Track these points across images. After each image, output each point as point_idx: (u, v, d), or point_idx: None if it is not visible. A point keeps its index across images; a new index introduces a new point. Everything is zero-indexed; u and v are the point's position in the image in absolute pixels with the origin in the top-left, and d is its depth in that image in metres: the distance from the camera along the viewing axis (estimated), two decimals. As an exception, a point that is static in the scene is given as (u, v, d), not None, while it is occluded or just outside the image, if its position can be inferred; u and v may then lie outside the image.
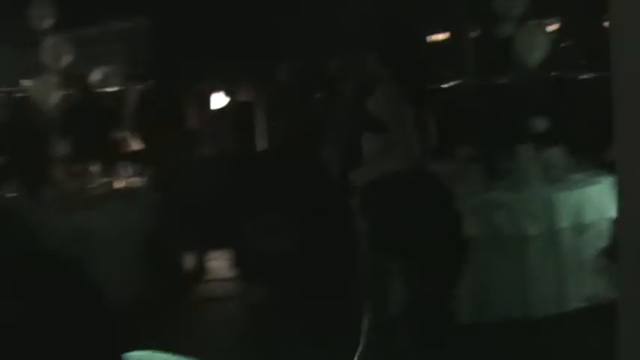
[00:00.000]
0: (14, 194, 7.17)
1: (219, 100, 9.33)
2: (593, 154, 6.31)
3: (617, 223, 3.00)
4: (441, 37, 9.70)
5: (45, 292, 2.62)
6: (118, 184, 7.98)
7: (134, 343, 2.46)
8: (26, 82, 8.64)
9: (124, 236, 7.13)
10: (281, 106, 8.34)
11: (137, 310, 6.69)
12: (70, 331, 2.19)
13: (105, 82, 9.94)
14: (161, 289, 7.17)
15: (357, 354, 4.94)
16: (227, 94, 9.00)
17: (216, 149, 8.81)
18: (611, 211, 5.36)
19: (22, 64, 8.94)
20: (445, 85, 8.25)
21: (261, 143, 7.60)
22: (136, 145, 9.05)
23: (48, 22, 7.63)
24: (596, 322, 4.74)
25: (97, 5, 9.58)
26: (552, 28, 8.90)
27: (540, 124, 6.55)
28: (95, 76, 9.93)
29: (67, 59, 7.79)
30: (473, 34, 8.11)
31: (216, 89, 9.29)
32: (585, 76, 8.00)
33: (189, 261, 8.04)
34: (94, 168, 7.84)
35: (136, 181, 8.01)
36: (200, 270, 8.09)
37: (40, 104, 7.70)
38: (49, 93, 7.61)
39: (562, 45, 8.55)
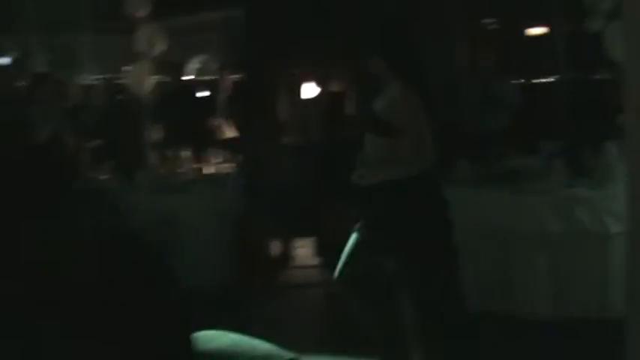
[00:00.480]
0: (108, 175, 7.42)
1: (310, 90, 9.44)
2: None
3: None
4: (535, 31, 9.60)
5: (124, 269, 2.85)
6: (208, 169, 8.17)
7: (215, 325, 2.63)
8: (125, 70, 8.92)
9: (212, 221, 7.30)
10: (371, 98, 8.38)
11: (222, 294, 6.90)
12: (142, 306, 2.38)
13: (200, 70, 10.19)
14: (246, 274, 7.32)
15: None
16: (318, 83, 9.10)
17: (306, 138, 8.92)
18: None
19: (121, 52, 9.21)
20: (535, 81, 8.19)
21: (351, 133, 7.66)
22: (228, 132, 9.24)
23: (144, 11, 7.86)
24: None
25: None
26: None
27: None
28: (191, 64, 10.18)
29: (161, 47, 8.01)
30: (563, 30, 8.02)
31: (308, 79, 9.39)
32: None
33: (275, 247, 8.18)
34: (186, 153, 8.04)
35: (226, 168, 8.18)
36: (285, 257, 8.23)
37: (136, 91, 7.93)
38: (143, 80, 7.83)
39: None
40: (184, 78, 10.03)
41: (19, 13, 9.51)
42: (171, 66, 9.63)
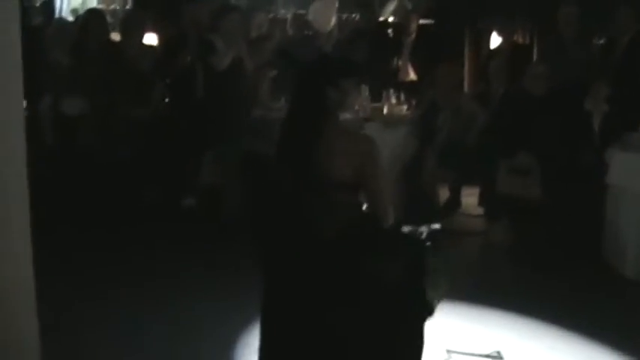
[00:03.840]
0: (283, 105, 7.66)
1: (496, 41, 9.34)
2: None
3: None
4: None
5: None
6: (387, 109, 8.26)
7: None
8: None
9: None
10: (556, 54, 8.23)
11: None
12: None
13: (393, 12, 10.24)
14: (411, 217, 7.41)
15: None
16: (503, 34, 8.98)
17: (489, 88, 8.85)
18: None
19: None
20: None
21: (532, 87, 7.55)
22: (411, 75, 9.29)
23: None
24: None
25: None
26: None
27: None
28: (386, 5, 10.24)
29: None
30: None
31: (494, 30, 9.29)
32: None
33: (443, 194, 8.24)
34: (367, 91, 8.17)
35: (403, 110, 8.25)
36: (454, 202, 8.27)
37: (318, 26, 8.07)
38: (327, 16, 7.94)
39: None
40: (376, 17, 10.09)
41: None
42: (363, 5, 9.73)
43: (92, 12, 8.21)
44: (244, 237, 3.76)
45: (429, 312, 3.57)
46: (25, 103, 3.09)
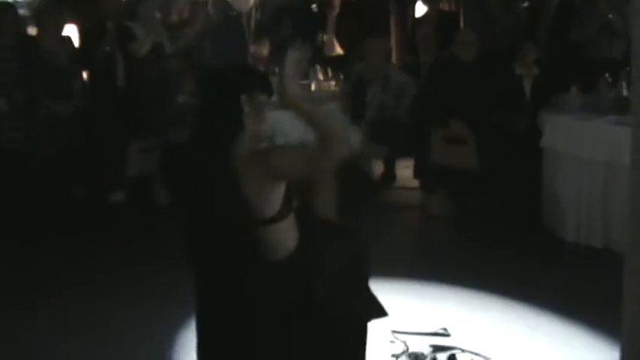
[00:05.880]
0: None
1: (421, 9, 9.24)
2: None
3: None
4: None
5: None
6: (315, 86, 8.12)
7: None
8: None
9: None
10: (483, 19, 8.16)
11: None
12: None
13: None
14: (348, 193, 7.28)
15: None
16: (428, 2, 8.90)
17: (414, 58, 8.77)
18: None
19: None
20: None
21: (461, 54, 7.44)
22: (336, 49, 9.17)
23: None
24: None
25: None
26: None
27: None
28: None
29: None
30: None
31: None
32: None
33: (379, 167, 8.14)
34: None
35: (331, 85, 8.12)
36: (389, 176, 8.18)
37: (238, 6, 7.90)
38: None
39: None
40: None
41: None
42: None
43: (3, 6, 7.83)
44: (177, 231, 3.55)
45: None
46: None
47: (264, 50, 8.59)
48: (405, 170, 8.08)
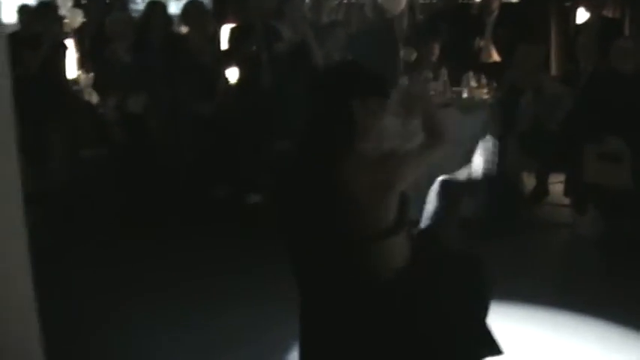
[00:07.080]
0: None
1: (583, 16, 8.75)
2: None
3: None
4: None
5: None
6: (467, 93, 7.82)
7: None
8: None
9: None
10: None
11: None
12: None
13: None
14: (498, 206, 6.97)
15: None
16: (591, 8, 8.39)
17: (572, 68, 8.28)
18: None
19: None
20: None
21: (619, 64, 6.95)
22: (493, 56, 8.83)
23: None
24: None
25: None
26: None
27: None
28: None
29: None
30: None
31: (582, 4, 8.71)
32: None
33: (529, 181, 7.76)
34: (445, 73, 7.76)
35: (484, 93, 7.78)
36: (541, 191, 7.78)
37: (389, 8, 7.70)
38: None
39: None
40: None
41: None
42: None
43: (153, 5, 7.88)
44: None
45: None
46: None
47: (416, 54, 8.36)
48: (557, 185, 7.63)
